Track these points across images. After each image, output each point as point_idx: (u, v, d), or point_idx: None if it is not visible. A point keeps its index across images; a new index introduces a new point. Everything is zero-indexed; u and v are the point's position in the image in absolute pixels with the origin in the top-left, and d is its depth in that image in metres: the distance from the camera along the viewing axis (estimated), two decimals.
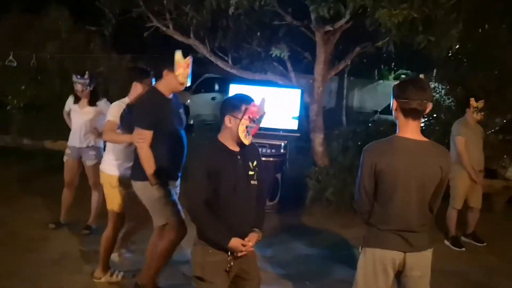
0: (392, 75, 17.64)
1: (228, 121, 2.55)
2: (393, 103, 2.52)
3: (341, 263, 4.61)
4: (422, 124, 9.04)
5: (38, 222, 5.21)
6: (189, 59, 3.37)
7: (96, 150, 4.97)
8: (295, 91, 6.55)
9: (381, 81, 18.54)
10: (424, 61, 8.78)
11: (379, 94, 17.16)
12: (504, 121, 7.87)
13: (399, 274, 2.55)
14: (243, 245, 2.54)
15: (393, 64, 15.11)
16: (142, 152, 3.29)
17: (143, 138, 3.26)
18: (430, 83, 9.08)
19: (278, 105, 6.43)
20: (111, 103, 3.95)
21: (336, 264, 4.60)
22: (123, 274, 4.00)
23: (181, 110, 3.61)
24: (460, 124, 5.36)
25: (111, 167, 3.79)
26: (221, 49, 6.89)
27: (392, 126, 6.31)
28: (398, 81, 2.67)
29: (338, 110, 14.77)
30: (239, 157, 2.59)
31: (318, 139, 6.83)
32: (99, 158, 4.89)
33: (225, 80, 12.42)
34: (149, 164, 3.29)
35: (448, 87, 8.28)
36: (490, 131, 7.67)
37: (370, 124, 10.44)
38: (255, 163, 2.65)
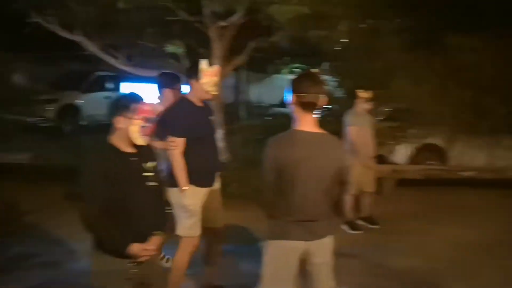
0: (287, 69, 18.16)
1: (119, 121, 2.43)
2: (291, 97, 2.57)
3: (250, 257, 4.61)
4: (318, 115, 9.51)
5: None
6: (217, 67, 3.48)
7: None
8: None
9: (277, 75, 19.00)
10: (316, 55, 9.16)
11: (276, 88, 17.57)
12: (389, 109, 8.49)
13: (303, 263, 2.61)
14: (145, 250, 2.44)
15: (287, 58, 15.54)
16: (174, 159, 3.42)
17: (175, 145, 3.38)
18: (323, 75, 9.50)
19: None
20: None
21: (245, 259, 4.62)
22: None
23: (213, 118, 3.76)
24: (351, 114, 5.66)
25: None
26: (113, 46, 6.58)
27: (289, 118, 6.51)
28: (292, 75, 2.73)
29: (237, 105, 14.91)
30: (134, 158, 2.47)
31: (218, 134, 6.81)
32: None
33: (119, 78, 11.94)
34: (180, 171, 3.43)
35: (339, 79, 8.72)
36: (377, 120, 8.24)
37: (268, 118, 10.69)
38: (153, 163, 2.55)
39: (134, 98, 2.49)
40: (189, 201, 3.51)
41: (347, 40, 6.01)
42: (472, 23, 8.40)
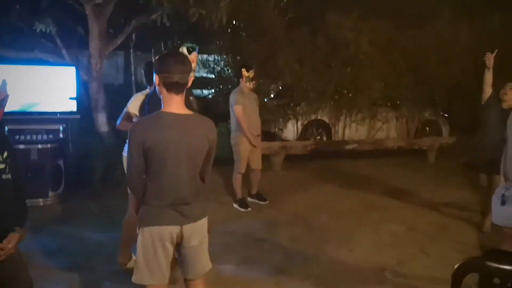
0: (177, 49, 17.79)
1: None
2: (155, 78, 2.47)
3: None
4: (210, 96, 9.46)
5: None
6: (195, 54, 3.44)
7: None
8: (69, 69, 6.04)
9: None
10: (205, 33, 9.03)
11: None
12: (277, 87, 8.70)
13: (178, 246, 2.57)
14: (1, 249, 2.24)
15: (176, 37, 15.18)
16: None
17: None
18: (211, 55, 9.42)
19: (51, 86, 5.86)
20: None
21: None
22: None
23: (191, 98, 3.67)
24: (236, 93, 5.67)
25: None
26: None
27: None
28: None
29: (127, 86, 14.32)
30: None
31: (101, 118, 6.51)
32: None
33: None
34: None
35: (226, 58, 8.71)
36: (267, 98, 8.41)
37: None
38: (5, 154, 2.32)
39: None
40: None
41: (227, 18, 5.95)
42: (351, 2, 8.80)
